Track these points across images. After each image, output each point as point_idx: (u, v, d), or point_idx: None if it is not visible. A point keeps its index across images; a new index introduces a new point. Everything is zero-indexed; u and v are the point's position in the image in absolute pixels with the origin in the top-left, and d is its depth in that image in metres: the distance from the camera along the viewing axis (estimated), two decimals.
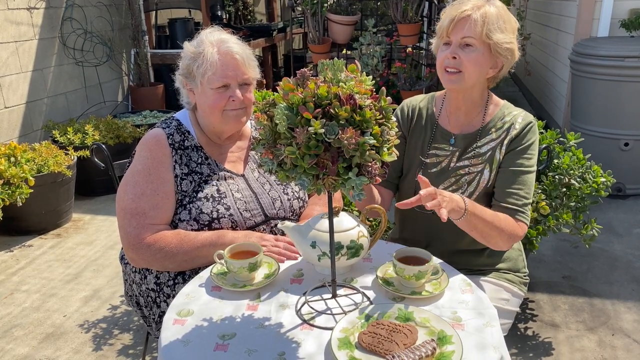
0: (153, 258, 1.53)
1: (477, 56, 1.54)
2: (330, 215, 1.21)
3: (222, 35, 1.64)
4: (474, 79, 1.57)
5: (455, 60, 1.54)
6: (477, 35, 1.51)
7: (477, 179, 1.64)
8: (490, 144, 1.64)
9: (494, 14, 1.53)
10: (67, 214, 3.77)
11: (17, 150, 3.39)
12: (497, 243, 1.54)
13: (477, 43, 1.53)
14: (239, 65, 1.61)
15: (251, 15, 7.57)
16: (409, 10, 4.47)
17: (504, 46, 1.54)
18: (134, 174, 1.60)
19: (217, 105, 1.60)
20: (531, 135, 1.62)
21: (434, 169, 1.70)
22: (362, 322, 1.19)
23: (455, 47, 1.55)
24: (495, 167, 1.63)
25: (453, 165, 1.67)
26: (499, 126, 1.65)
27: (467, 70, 1.55)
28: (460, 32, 1.53)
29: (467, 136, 1.67)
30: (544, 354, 2.31)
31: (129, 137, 4.23)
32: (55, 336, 2.52)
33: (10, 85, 4.16)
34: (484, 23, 1.51)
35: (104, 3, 5.19)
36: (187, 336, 1.19)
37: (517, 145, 1.61)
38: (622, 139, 3.78)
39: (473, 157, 1.65)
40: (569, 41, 4.56)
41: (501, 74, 1.64)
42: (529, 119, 1.64)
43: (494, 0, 1.58)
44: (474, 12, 1.52)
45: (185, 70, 1.63)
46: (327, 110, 1.03)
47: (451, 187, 1.66)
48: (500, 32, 1.53)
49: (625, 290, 2.76)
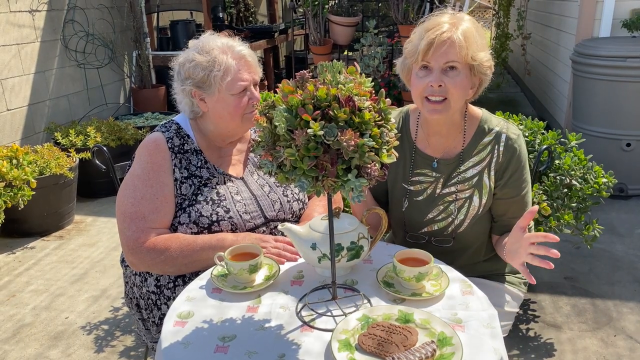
0: (153, 262, 1.53)
1: (461, 80, 1.43)
2: (330, 216, 1.22)
3: (224, 40, 1.64)
4: (459, 104, 1.48)
5: (441, 88, 1.43)
6: (461, 59, 1.41)
7: (466, 205, 1.58)
8: (476, 168, 1.56)
9: (473, 31, 1.43)
10: (69, 216, 3.78)
11: (20, 153, 3.39)
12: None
13: (461, 66, 1.42)
14: (251, 67, 1.63)
15: (252, 17, 7.58)
16: (410, 12, 4.47)
17: (485, 64, 1.45)
18: (133, 177, 1.60)
19: (237, 111, 1.60)
20: (520, 157, 1.54)
21: (420, 197, 1.62)
22: (362, 324, 1.19)
23: (438, 74, 1.42)
24: (487, 194, 1.56)
25: (439, 192, 1.60)
26: (482, 147, 1.55)
27: (452, 96, 1.44)
28: (443, 57, 1.41)
29: (450, 161, 1.58)
30: (546, 354, 2.30)
31: (131, 139, 4.24)
32: (57, 338, 2.52)
33: (12, 87, 4.17)
34: (467, 45, 1.40)
35: (106, 5, 5.20)
36: (187, 338, 1.19)
37: (510, 174, 1.54)
38: (623, 139, 3.77)
39: (459, 183, 1.57)
40: (571, 41, 4.55)
41: (480, 90, 1.53)
42: (513, 137, 1.54)
43: (462, 15, 1.48)
44: (453, 32, 1.40)
45: (198, 80, 1.59)
46: (327, 112, 1.03)
47: (440, 215, 1.60)
48: (482, 51, 1.44)
49: (628, 290, 2.75)
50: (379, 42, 4.67)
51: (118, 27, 5.36)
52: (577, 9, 4.44)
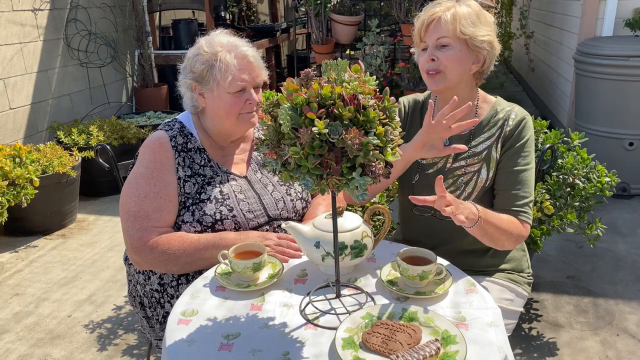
0: (156, 260, 1.53)
1: (454, 53, 1.54)
2: (334, 215, 1.22)
3: (232, 39, 1.64)
4: (456, 76, 1.57)
5: (434, 62, 1.55)
6: (450, 34, 1.52)
7: (474, 179, 1.63)
8: (486, 143, 1.63)
9: (465, 12, 1.54)
10: (71, 215, 3.79)
11: (22, 151, 3.40)
12: (503, 245, 1.54)
13: (452, 41, 1.53)
14: (254, 68, 1.62)
15: (255, 16, 7.59)
16: (412, 10, 4.47)
17: (479, 39, 1.54)
18: (136, 176, 1.60)
19: (233, 109, 1.60)
20: (526, 132, 1.61)
21: (431, 169, 1.69)
22: (366, 322, 1.19)
23: (432, 49, 1.56)
24: (494, 166, 1.62)
25: (450, 166, 1.66)
26: (492, 124, 1.64)
27: (447, 69, 1.55)
28: (433, 34, 1.55)
29: (461, 136, 1.65)
30: (548, 354, 2.30)
31: (133, 137, 4.25)
32: (59, 336, 2.53)
33: (15, 86, 4.18)
34: (454, 20, 1.52)
35: (108, 4, 5.21)
36: (191, 336, 1.19)
37: (512, 144, 1.60)
38: (626, 138, 3.77)
39: (469, 157, 1.64)
40: (573, 40, 4.55)
41: (486, 67, 1.62)
42: (522, 115, 1.63)
43: (466, 1, 1.58)
44: (443, 13, 1.54)
45: (198, 74, 1.61)
46: (331, 110, 1.03)
47: (449, 189, 1.65)
48: (473, 26, 1.53)
49: (630, 290, 2.75)
50: (381, 41, 4.67)
51: (120, 26, 5.36)
52: (580, 8, 4.43)
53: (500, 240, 1.51)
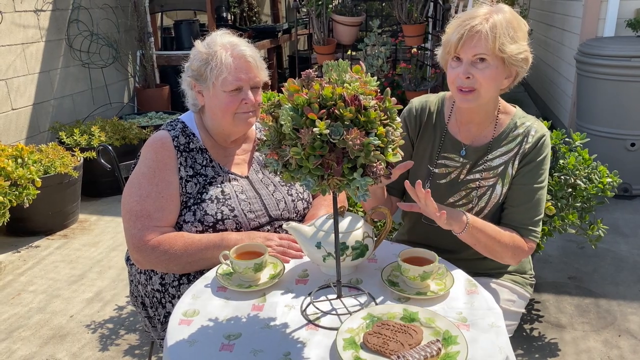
0: (157, 260, 1.54)
1: (491, 72, 1.46)
2: (335, 215, 1.22)
3: (233, 39, 1.65)
4: (490, 94, 1.51)
5: (470, 79, 1.47)
6: (489, 51, 1.44)
7: (488, 194, 1.59)
8: (503, 158, 1.59)
9: (503, 24, 1.45)
10: (73, 215, 3.80)
11: (25, 152, 3.41)
12: (502, 258, 1.53)
13: (490, 58, 1.45)
14: (251, 68, 1.62)
15: (256, 17, 7.59)
16: (413, 11, 4.47)
17: (518, 57, 1.47)
18: (139, 176, 1.61)
19: (229, 108, 1.61)
20: (544, 149, 1.56)
21: (443, 180, 1.64)
22: (367, 323, 1.19)
23: (467, 66, 1.47)
24: (508, 182, 1.58)
25: (463, 178, 1.62)
26: (511, 138, 1.59)
27: (482, 87, 1.48)
28: (471, 49, 1.45)
29: (479, 149, 1.61)
30: (549, 354, 2.30)
31: (135, 138, 4.25)
32: (61, 336, 2.53)
33: (17, 87, 4.18)
34: (495, 37, 1.43)
35: (110, 5, 5.21)
36: (192, 336, 1.19)
37: (529, 160, 1.56)
38: (628, 139, 3.76)
39: (484, 170, 1.60)
40: (575, 41, 4.54)
41: (516, 81, 1.56)
42: (542, 132, 1.58)
43: (501, 6, 1.51)
44: (482, 25, 1.44)
45: (196, 72, 1.62)
46: (332, 111, 1.03)
47: (461, 201, 1.62)
48: (512, 43, 1.45)
49: (632, 291, 2.75)
50: (383, 41, 4.68)
51: (122, 27, 5.37)
52: (581, 9, 4.43)
53: (497, 251, 1.51)
